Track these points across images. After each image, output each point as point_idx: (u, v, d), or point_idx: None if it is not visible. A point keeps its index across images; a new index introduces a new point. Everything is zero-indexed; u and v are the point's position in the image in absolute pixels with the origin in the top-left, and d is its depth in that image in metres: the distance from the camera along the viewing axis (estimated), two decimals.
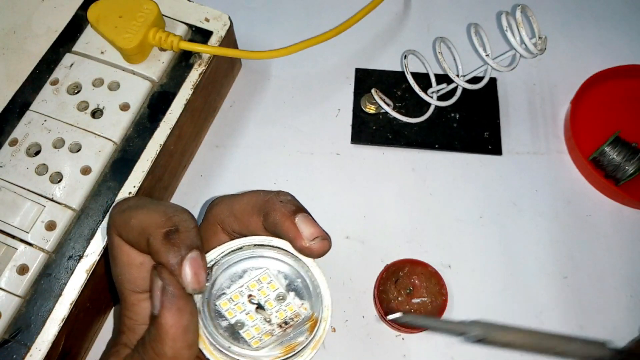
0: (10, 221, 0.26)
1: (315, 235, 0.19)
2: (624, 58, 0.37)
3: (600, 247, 0.33)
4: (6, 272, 0.25)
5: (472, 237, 0.33)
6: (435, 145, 0.35)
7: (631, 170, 0.33)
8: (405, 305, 0.30)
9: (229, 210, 0.21)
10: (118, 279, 0.21)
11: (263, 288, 0.19)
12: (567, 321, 0.31)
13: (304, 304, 0.19)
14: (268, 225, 0.20)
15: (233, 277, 0.20)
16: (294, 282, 0.20)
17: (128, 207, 0.20)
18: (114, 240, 0.20)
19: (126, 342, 0.20)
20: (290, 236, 0.19)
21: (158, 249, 0.18)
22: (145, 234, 0.19)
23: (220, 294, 0.19)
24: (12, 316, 0.24)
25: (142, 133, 0.29)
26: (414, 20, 0.40)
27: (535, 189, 0.34)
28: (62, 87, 0.29)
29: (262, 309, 0.19)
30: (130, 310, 0.20)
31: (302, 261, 0.20)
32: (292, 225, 0.19)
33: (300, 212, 0.19)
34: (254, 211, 0.20)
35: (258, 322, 0.19)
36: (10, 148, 0.27)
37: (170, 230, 0.18)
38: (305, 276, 0.20)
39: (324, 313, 0.19)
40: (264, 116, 0.36)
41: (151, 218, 0.19)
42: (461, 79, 0.33)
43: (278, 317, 0.19)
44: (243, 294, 0.19)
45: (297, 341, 0.19)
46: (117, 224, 0.20)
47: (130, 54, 0.29)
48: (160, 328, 0.18)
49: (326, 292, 0.19)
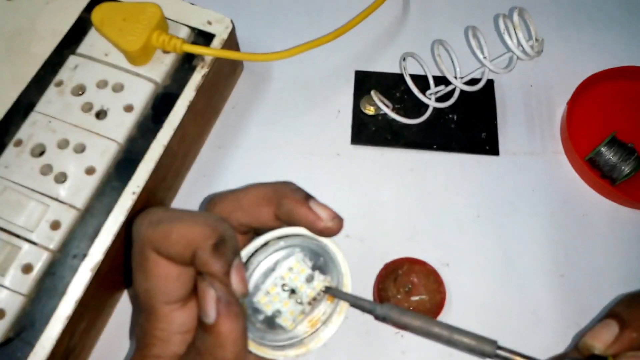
0: (15, 221, 0.26)
1: (332, 216, 0.20)
2: (619, 59, 0.38)
3: (596, 246, 0.33)
4: (11, 270, 0.25)
5: (470, 236, 0.33)
6: (434, 146, 0.35)
7: (627, 170, 0.33)
8: (404, 303, 0.31)
9: (236, 205, 0.21)
10: (149, 293, 0.20)
11: (294, 274, 0.21)
12: (564, 319, 0.31)
13: (327, 278, 0.21)
14: (282, 213, 0.20)
15: (266, 272, 0.21)
16: (317, 262, 0.21)
17: (159, 220, 0.20)
18: (150, 255, 0.20)
19: (158, 354, 0.20)
20: (310, 219, 0.20)
21: (207, 260, 0.19)
22: (191, 247, 0.19)
23: (256, 291, 0.21)
24: (17, 314, 0.25)
25: (146, 134, 0.29)
26: (413, 24, 0.40)
27: (532, 189, 0.35)
28: (66, 88, 0.29)
29: (294, 293, 0.21)
30: (162, 322, 0.20)
31: (319, 241, 0.21)
32: (308, 210, 0.20)
33: (310, 197, 0.21)
34: (264, 202, 0.21)
35: (291, 306, 0.20)
36: (15, 149, 0.28)
37: (219, 242, 0.19)
38: (325, 253, 0.21)
39: (343, 280, 0.21)
40: (265, 117, 0.36)
41: (195, 230, 0.19)
42: (459, 80, 0.33)
43: (308, 296, 0.21)
44: (277, 284, 0.20)
45: (320, 311, 0.21)
46: (153, 239, 0.20)
47: (133, 56, 0.29)
48: (220, 335, 0.18)
49: (343, 262, 0.21)
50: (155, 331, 0.21)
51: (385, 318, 0.20)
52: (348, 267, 0.21)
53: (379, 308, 0.20)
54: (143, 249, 0.20)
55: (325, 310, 0.21)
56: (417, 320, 0.20)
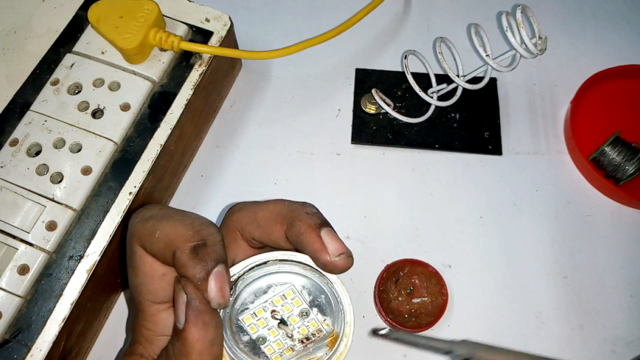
0: (11, 221, 0.26)
1: (341, 252, 0.19)
2: (624, 58, 0.37)
3: (600, 247, 0.33)
4: (7, 272, 0.25)
5: (473, 237, 0.33)
6: (436, 145, 0.35)
7: (631, 170, 0.33)
8: (405, 305, 0.30)
9: (251, 217, 0.20)
10: (137, 289, 0.20)
11: (287, 304, 0.19)
12: (567, 321, 0.31)
13: (326, 320, 0.19)
14: (291, 235, 0.19)
15: (257, 292, 0.19)
16: (317, 298, 0.20)
17: (151, 216, 0.20)
18: (137, 250, 0.20)
19: (142, 353, 0.20)
20: (315, 248, 0.19)
21: (185, 262, 0.18)
22: (171, 247, 0.18)
23: (243, 308, 0.19)
24: (13, 316, 0.24)
25: (143, 133, 0.29)
26: (414, 21, 0.40)
27: (536, 189, 0.34)
28: (62, 87, 0.29)
29: (284, 325, 0.19)
30: (149, 321, 0.20)
31: (326, 277, 0.19)
32: (317, 238, 0.19)
33: (325, 226, 0.19)
34: (278, 220, 0.20)
35: (280, 337, 0.19)
36: (11, 148, 0.27)
37: (198, 245, 0.18)
38: (329, 292, 0.19)
39: (346, 329, 0.19)
40: (264, 116, 0.36)
41: (178, 231, 0.18)
42: (461, 79, 0.33)
43: (300, 332, 0.19)
44: (267, 309, 0.19)
45: (317, 356, 0.19)
46: (141, 234, 0.19)
47: (130, 54, 0.29)
48: (186, 342, 0.18)
49: (349, 309, 0.19)
50: (142, 329, 0.20)
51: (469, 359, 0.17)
52: (353, 315, 0.19)
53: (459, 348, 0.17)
54: (132, 243, 0.20)
55: (322, 357, 0.19)
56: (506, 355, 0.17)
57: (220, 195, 0.34)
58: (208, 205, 0.33)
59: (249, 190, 0.34)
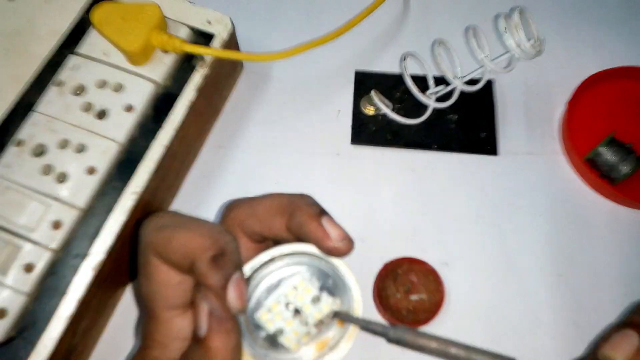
0: (16, 220, 0.26)
1: (343, 237, 0.20)
2: (619, 59, 0.38)
3: (595, 246, 0.33)
4: (13, 270, 0.25)
5: (469, 236, 0.33)
6: (434, 146, 0.35)
7: (626, 170, 0.34)
8: (403, 302, 0.31)
9: (250, 212, 0.21)
10: (150, 297, 0.20)
11: (299, 294, 0.20)
12: (563, 319, 0.31)
13: (336, 300, 0.20)
14: (293, 226, 0.20)
15: (270, 289, 0.20)
16: (325, 283, 0.20)
17: (165, 225, 0.20)
18: (151, 260, 0.20)
19: (157, 357, 0.20)
20: (318, 236, 0.19)
21: (205, 272, 0.18)
22: (190, 256, 0.18)
23: (258, 307, 0.20)
24: (19, 314, 0.25)
25: (146, 134, 0.29)
26: (413, 23, 0.40)
27: (531, 189, 0.35)
28: (66, 88, 0.29)
29: (299, 313, 0.20)
30: (162, 326, 0.20)
31: (330, 262, 0.20)
32: (319, 226, 0.19)
33: (325, 214, 0.20)
34: (278, 212, 0.20)
35: (296, 326, 0.20)
36: (16, 149, 0.28)
37: (218, 254, 0.18)
38: (335, 275, 0.20)
39: (354, 305, 0.20)
40: (265, 117, 0.36)
41: (196, 241, 0.19)
42: (459, 80, 0.33)
43: (314, 317, 0.20)
44: (281, 302, 0.20)
45: (328, 336, 0.20)
46: (156, 244, 0.20)
47: (133, 56, 0.29)
48: (209, 350, 0.18)
49: (355, 287, 0.20)
50: (155, 334, 0.21)
51: (399, 341, 0.19)
52: (360, 292, 0.20)
53: (392, 331, 0.19)
54: (146, 252, 0.20)
55: (334, 335, 0.20)
56: (433, 341, 0.18)
57: (222, 195, 0.34)
58: (210, 205, 0.34)
59: (250, 190, 0.34)
